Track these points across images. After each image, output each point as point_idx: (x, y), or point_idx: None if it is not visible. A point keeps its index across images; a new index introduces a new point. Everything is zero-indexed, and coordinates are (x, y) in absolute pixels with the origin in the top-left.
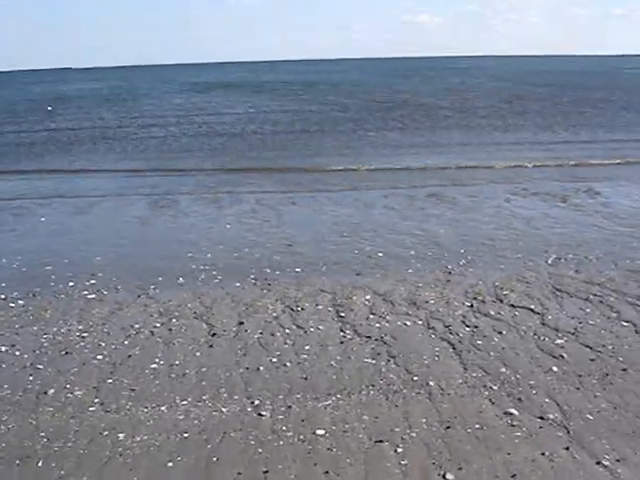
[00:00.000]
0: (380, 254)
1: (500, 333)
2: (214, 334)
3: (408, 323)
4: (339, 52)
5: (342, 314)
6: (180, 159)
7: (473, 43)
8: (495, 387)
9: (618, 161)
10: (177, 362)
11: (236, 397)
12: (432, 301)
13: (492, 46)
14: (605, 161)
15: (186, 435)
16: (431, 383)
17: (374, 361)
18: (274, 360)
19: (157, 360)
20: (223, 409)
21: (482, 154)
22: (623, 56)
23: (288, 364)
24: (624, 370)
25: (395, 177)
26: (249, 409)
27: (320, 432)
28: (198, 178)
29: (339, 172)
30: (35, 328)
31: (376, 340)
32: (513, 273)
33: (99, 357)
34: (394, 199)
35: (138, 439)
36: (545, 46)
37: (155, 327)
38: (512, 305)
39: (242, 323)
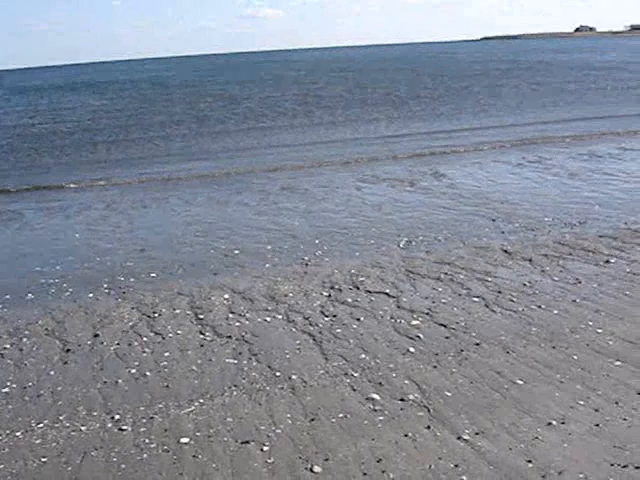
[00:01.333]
0: (236, 251)
1: (358, 320)
2: (68, 350)
3: (268, 319)
4: (183, 49)
5: (201, 316)
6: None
7: (317, 35)
8: (356, 374)
9: (459, 149)
10: (30, 383)
11: (95, 414)
12: (291, 294)
13: (337, 37)
14: (448, 149)
15: (44, 459)
16: (294, 377)
17: (236, 361)
18: (133, 371)
19: (9, 384)
20: (82, 428)
21: (328, 150)
22: (461, 41)
23: (148, 373)
24: (477, 344)
25: (246, 177)
26: (109, 425)
27: (184, 440)
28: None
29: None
30: None
31: (237, 339)
32: (367, 259)
33: None
34: (247, 195)
35: None
36: (385, 35)
37: (5, 349)
38: (368, 291)
39: (97, 335)
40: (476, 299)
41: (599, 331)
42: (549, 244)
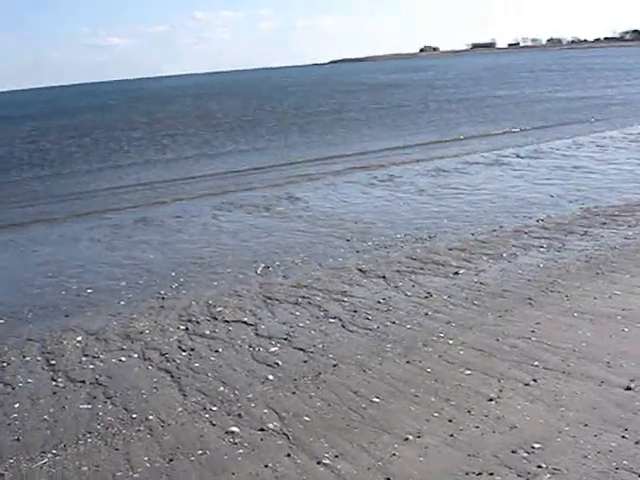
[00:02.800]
0: (89, 290)
1: (216, 351)
2: None
3: (123, 359)
4: (32, 80)
5: (53, 362)
6: None
7: (167, 63)
8: (215, 408)
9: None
10: None
11: None
12: (147, 331)
13: (187, 64)
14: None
15: None
16: (151, 417)
17: (90, 406)
18: None
19: None
20: None
21: (182, 186)
22: (311, 65)
23: None
24: (335, 366)
25: (98, 215)
26: None
27: None
28: None
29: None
30: None
31: (91, 383)
32: (225, 288)
33: None
34: (99, 231)
35: None
36: (239, 61)
37: None
38: (226, 321)
39: None
40: (333, 320)
41: (450, 342)
42: (401, 260)
